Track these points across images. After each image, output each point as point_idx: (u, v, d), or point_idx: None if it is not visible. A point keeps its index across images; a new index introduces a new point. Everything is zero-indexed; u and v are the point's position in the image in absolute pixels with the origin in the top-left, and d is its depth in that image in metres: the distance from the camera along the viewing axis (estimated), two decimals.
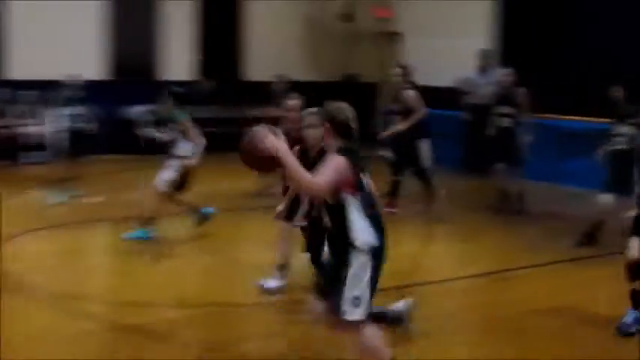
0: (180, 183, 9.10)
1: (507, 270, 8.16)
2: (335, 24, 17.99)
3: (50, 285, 7.38)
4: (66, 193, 11.54)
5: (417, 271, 8.56)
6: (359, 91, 16.57)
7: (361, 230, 4.58)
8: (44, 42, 15.22)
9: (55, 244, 9.12)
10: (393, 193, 10.57)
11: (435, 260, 9.30)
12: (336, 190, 4.52)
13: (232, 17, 17.83)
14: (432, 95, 14.68)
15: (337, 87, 17.41)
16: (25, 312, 6.68)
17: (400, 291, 6.81)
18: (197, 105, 13.78)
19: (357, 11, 17.76)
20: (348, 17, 17.64)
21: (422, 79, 14.31)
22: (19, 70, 15.19)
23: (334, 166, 4.52)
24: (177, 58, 17.02)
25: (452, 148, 13.93)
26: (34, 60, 15.05)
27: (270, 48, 17.43)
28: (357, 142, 4.82)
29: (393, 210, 10.17)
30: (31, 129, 14.65)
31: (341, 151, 4.62)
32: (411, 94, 10.52)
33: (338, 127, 4.75)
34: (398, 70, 11.14)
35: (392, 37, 17.86)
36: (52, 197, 11.40)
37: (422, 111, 10.48)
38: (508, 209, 10.88)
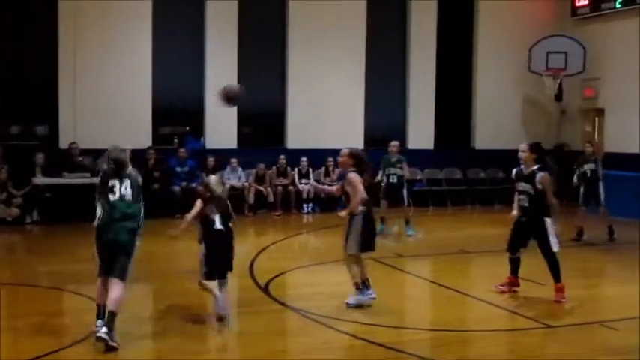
0: None
1: None
2: (549, 102, 20.23)
3: (317, 309, 8.34)
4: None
5: None
6: (567, 158, 17.97)
7: None
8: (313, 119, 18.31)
9: (323, 276, 10.45)
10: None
11: None
12: None
13: (465, 96, 20.40)
14: (628, 159, 17.06)
15: (550, 154, 20.06)
16: (300, 328, 8.01)
17: None
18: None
19: (566, 91, 19.78)
20: (558, 97, 19.70)
21: (622, 148, 16.78)
22: (294, 142, 18.47)
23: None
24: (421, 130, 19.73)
25: None
26: (305, 133, 18.33)
27: (495, 122, 19.97)
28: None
29: None
30: (304, 187, 17.33)
31: None
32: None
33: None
34: (588, 145, 14.00)
35: (595, 112, 20.00)
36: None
37: None
38: None
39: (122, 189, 7.25)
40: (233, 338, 7.85)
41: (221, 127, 17.57)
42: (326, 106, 18.44)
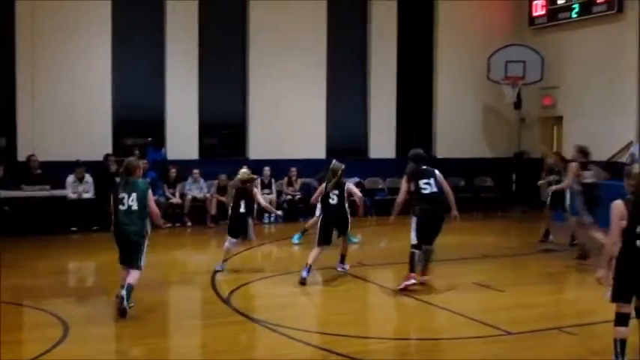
0: None
1: None
2: (508, 111, 20.33)
3: (281, 320, 8.26)
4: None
5: None
6: (527, 166, 18.74)
7: None
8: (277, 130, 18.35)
9: (285, 287, 10.30)
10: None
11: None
12: None
13: (426, 105, 20.49)
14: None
15: (510, 162, 20.23)
16: (263, 341, 8.04)
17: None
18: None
19: (525, 100, 19.90)
20: (518, 105, 19.79)
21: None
22: (256, 152, 18.26)
23: None
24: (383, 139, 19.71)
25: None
26: (267, 144, 18.28)
27: (455, 131, 20.11)
28: None
29: None
30: (266, 197, 16.70)
31: None
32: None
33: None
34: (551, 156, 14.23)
35: (554, 120, 20.23)
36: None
37: None
38: None
39: (129, 201, 8.63)
40: (195, 351, 7.79)
41: (182, 138, 17.52)
42: (288, 116, 18.46)
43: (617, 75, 18.09)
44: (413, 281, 9.95)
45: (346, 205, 11.08)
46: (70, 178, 15.78)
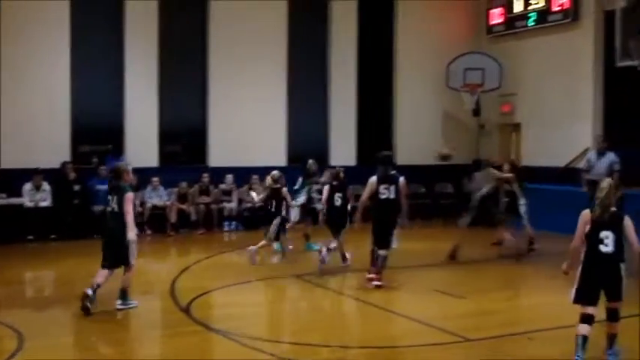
0: None
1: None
2: (467, 118, 20.43)
3: (241, 330, 8.20)
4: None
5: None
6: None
7: None
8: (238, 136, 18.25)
9: (246, 296, 10.33)
10: None
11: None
12: None
13: (386, 112, 20.55)
14: (547, 174, 17.49)
15: (469, 169, 20.43)
16: (222, 351, 7.94)
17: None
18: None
19: (484, 107, 20.07)
20: (476, 112, 20.00)
21: (538, 161, 17.23)
22: (217, 160, 18.18)
23: None
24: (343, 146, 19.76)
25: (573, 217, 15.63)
26: (228, 151, 18.14)
27: (415, 137, 20.21)
28: None
29: None
30: (227, 205, 17.32)
31: None
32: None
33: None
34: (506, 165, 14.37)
35: (512, 127, 20.43)
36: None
37: None
38: None
39: (113, 203, 9.13)
40: None
41: (142, 145, 17.36)
42: (249, 123, 18.39)
43: (573, 82, 18.35)
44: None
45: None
46: (27, 186, 15.55)
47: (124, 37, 17.32)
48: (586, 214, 7.13)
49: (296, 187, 14.54)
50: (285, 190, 12.83)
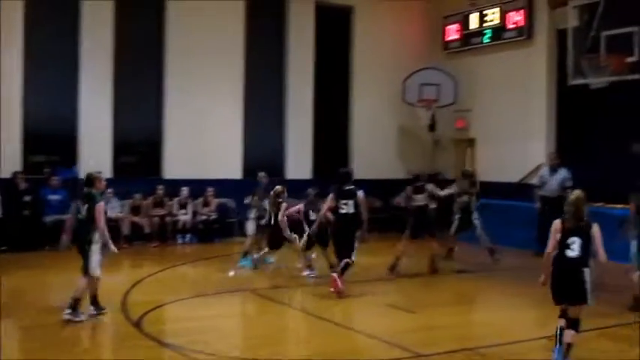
0: None
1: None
2: (423, 133, 20.55)
3: (193, 344, 8.14)
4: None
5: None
6: (441, 187, 19.16)
7: None
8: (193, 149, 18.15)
9: (200, 310, 10.27)
10: None
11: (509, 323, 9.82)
12: None
13: (342, 126, 20.72)
14: (501, 189, 17.64)
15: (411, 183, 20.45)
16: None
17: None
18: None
19: (440, 122, 20.14)
20: (432, 127, 20.11)
21: (492, 177, 17.39)
22: (172, 172, 18.02)
23: None
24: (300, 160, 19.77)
25: (526, 232, 15.44)
26: (183, 163, 17.99)
27: (372, 152, 20.28)
28: None
29: None
30: (182, 217, 17.14)
31: None
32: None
33: None
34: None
35: (467, 142, 20.61)
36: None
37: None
38: None
39: (83, 211, 9.27)
40: None
41: (95, 156, 17.07)
42: (204, 136, 18.29)
43: (527, 99, 18.57)
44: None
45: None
46: None
47: (79, 46, 17.12)
48: (557, 223, 7.56)
49: (246, 201, 14.45)
50: (284, 205, 12.90)
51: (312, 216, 12.73)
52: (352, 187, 11.19)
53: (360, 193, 11.07)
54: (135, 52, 17.98)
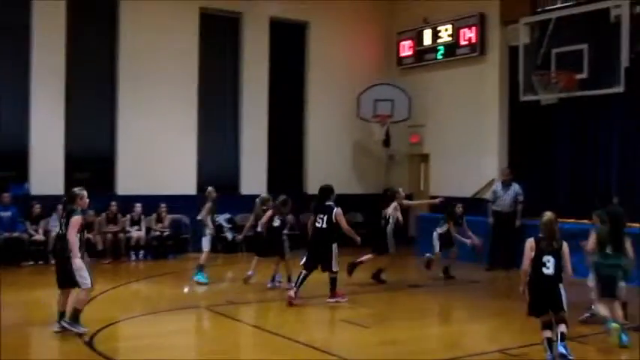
0: None
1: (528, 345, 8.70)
2: (377, 148, 20.75)
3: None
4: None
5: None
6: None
7: None
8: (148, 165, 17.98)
9: (153, 328, 10.16)
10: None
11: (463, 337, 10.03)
12: None
13: (297, 142, 20.72)
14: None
15: (378, 198, 20.58)
16: None
17: None
18: None
19: (394, 138, 20.39)
20: (386, 142, 20.33)
21: (446, 192, 17.53)
22: (125, 188, 17.84)
23: None
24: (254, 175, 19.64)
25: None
26: (137, 179, 17.82)
27: (326, 167, 20.03)
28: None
29: None
30: (135, 234, 17.04)
31: None
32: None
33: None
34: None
35: (421, 157, 20.85)
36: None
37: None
38: None
39: (63, 226, 9.39)
40: None
41: (47, 172, 16.88)
42: (158, 151, 18.14)
43: (480, 114, 18.79)
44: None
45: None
46: None
47: (30, 61, 16.91)
48: (531, 241, 8.19)
49: (199, 217, 14.33)
50: (268, 213, 13.22)
51: (276, 222, 13.20)
52: (331, 203, 11.79)
53: (337, 210, 11.66)
54: (87, 67, 17.81)
